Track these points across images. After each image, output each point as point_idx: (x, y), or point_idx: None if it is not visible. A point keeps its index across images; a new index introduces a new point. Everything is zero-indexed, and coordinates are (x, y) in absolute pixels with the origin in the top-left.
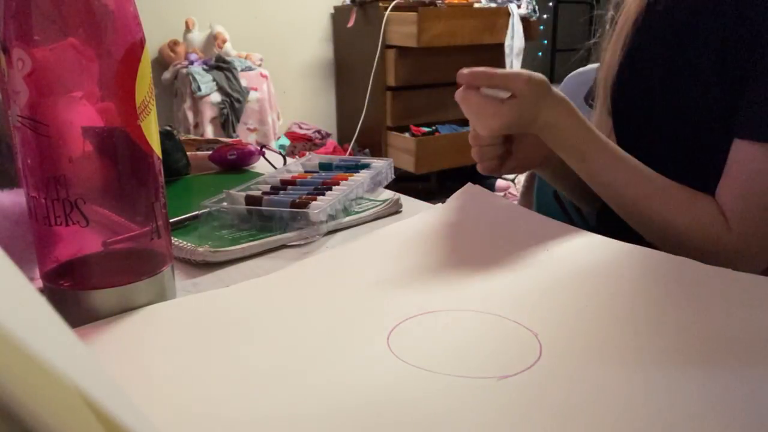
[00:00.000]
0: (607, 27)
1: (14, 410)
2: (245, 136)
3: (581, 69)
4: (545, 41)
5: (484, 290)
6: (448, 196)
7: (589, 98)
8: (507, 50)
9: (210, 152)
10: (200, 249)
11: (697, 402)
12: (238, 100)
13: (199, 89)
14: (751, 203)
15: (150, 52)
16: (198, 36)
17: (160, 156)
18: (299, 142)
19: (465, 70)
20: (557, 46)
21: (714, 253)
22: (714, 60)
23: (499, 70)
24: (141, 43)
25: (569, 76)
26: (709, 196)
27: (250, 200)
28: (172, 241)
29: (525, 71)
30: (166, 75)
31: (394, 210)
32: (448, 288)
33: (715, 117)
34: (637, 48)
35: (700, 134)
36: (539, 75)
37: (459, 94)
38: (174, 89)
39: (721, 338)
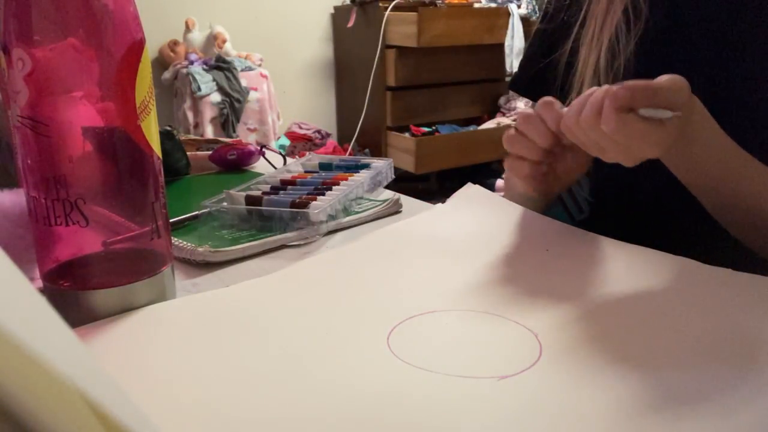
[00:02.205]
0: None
1: (14, 410)
2: (245, 136)
3: None
4: None
5: (484, 290)
6: (448, 196)
7: (520, 86)
8: (507, 50)
9: (210, 152)
10: (200, 249)
11: (697, 402)
12: (238, 100)
13: (199, 89)
14: None
15: (150, 52)
16: (198, 36)
17: (160, 156)
18: (299, 142)
19: (618, 88)
20: None
21: None
22: None
23: (656, 83)
24: (141, 43)
25: None
26: None
27: (250, 200)
28: (172, 241)
29: (680, 79)
30: (166, 75)
31: (394, 210)
32: (448, 288)
33: None
34: (659, 33)
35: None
36: (683, 79)
37: (612, 120)
38: (174, 89)
39: (721, 338)
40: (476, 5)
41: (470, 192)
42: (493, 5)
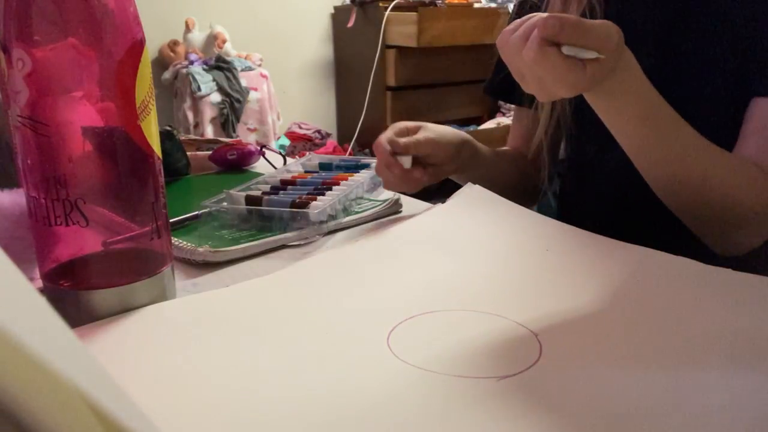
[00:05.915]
0: None
1: (14, 410)
2: (245, 136)
3: None
4: None
5: (485, 290)
6: (448, 196)
7: (491, 90)
8: None
9: (210, 152)
10: (200, 249)
11: (696, 402)
12: (238, 100)
13: (199, 89)
14: None
15: (150, 52)
16: (198, 36)
17: (160, 156)
18: (299, 142)
19: (548, 17)
20: None
21: (763, 211)
22: (731, 44)
23: (588, 22)
24: (141, 43)
25: None
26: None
27: (250, 200)
28: (172, 241)
29: (612, 25)
30: (166, 75)
31: (394, 210)
32: (448, 288)
33: (726, 99)
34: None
35: (704, 116)
36: (617, 27)
37: (533, 50)
38: (174, 89)
39: (722, 338)
40: (476, 5)
41: (470, 192)
42: (493, 5)
